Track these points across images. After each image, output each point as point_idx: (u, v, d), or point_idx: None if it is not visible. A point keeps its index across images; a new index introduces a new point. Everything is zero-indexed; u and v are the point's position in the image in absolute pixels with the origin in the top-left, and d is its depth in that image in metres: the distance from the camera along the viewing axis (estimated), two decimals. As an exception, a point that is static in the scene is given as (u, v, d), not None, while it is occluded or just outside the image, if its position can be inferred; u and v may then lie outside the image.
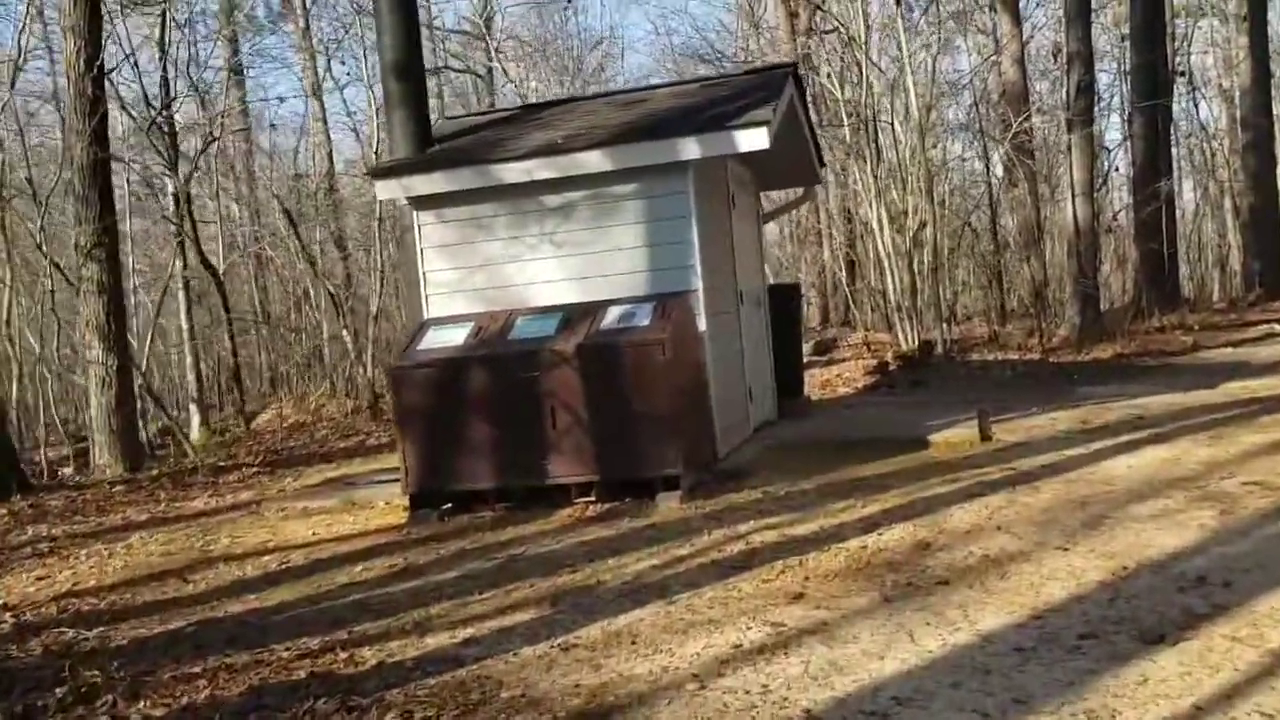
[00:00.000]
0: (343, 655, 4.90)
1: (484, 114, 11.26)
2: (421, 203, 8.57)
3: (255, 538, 7.70)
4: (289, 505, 8.78)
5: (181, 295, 20.41)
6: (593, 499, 7.42)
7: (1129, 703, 3.72)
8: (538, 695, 4.26)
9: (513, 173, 8.22)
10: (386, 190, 8.52)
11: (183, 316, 20.54)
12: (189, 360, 20.21)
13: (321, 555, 6.93)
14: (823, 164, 11.20)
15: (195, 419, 19.21)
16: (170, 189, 19.47)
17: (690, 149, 8.00)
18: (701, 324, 8.13)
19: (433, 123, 9.58)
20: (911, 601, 4.95)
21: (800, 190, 11.66)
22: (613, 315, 7.60)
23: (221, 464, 12.08)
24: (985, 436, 8.71)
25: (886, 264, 15.10)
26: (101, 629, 5.70)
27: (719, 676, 4.28)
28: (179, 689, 4.60)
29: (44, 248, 14.65)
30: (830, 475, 7.82)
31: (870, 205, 15.11)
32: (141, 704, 4.43)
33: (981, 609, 4.75)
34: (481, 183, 8.31)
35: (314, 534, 7.63)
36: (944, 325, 15.51)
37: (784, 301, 11.08)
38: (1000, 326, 19.01)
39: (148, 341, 15.92)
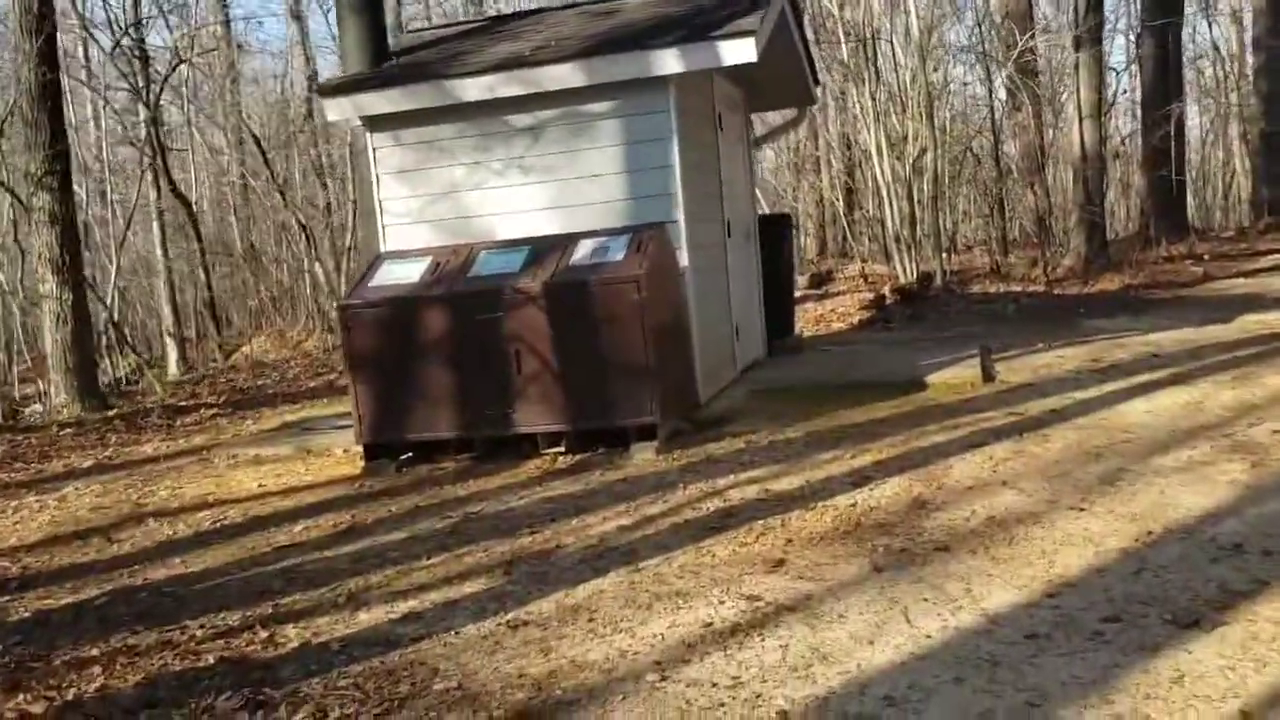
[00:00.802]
0: (262, 635, 4.32)
1: (447, 26, 10.45)
2: (376, 124, 7.86)
3: (196, 490, 7.11)
4: (240, 452, 8.18)
5: (156, 226, 19.70)
6: (562, 450, 6.82)
7: (1163, 706, 3.14)
8: (475, 687, 3.68)
9: (474, 89, 7.49)
10: (337, 110, 7.80)
11: (157, 248, 19.86)
12: (164, 293, 19.57)
13: (263, 512, 6.34)
14: (818, 82, 10.45)
15: (173, 354, 18.60)
16: (142, 116, 18.67)
17: (670, 62, 7.27)
18: (683, 258, 7.47)
19: (396, 38, 8.82)
20: (906, 572, 4.36)
21: (794, 112, 10.89)
22: (584, 250, 6.94)
23: (183, 404, 11.48)
24: (988, 377, 8.09)
25: (885, 193, 14.38)
26: (6, 598, 5.12)
27: (684, 664, 3.70)
28: (69, 678, 4.02)
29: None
30: (819, 422, 7.22)
31: (869, 130, 14.35)
32: (20, 697, 3.85)
33: (987, 583, 4.16)
34: (440, 101, 7.59)
35: (260, 486, 7.04)
36: (943, 256, 14.81)
37: (775, 233, 10.40)
38: (1003, 257, 18.31)
39: (113, 274, 15.18)
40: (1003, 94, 18.98)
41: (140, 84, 17.72)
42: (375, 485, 6.72)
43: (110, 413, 11.09)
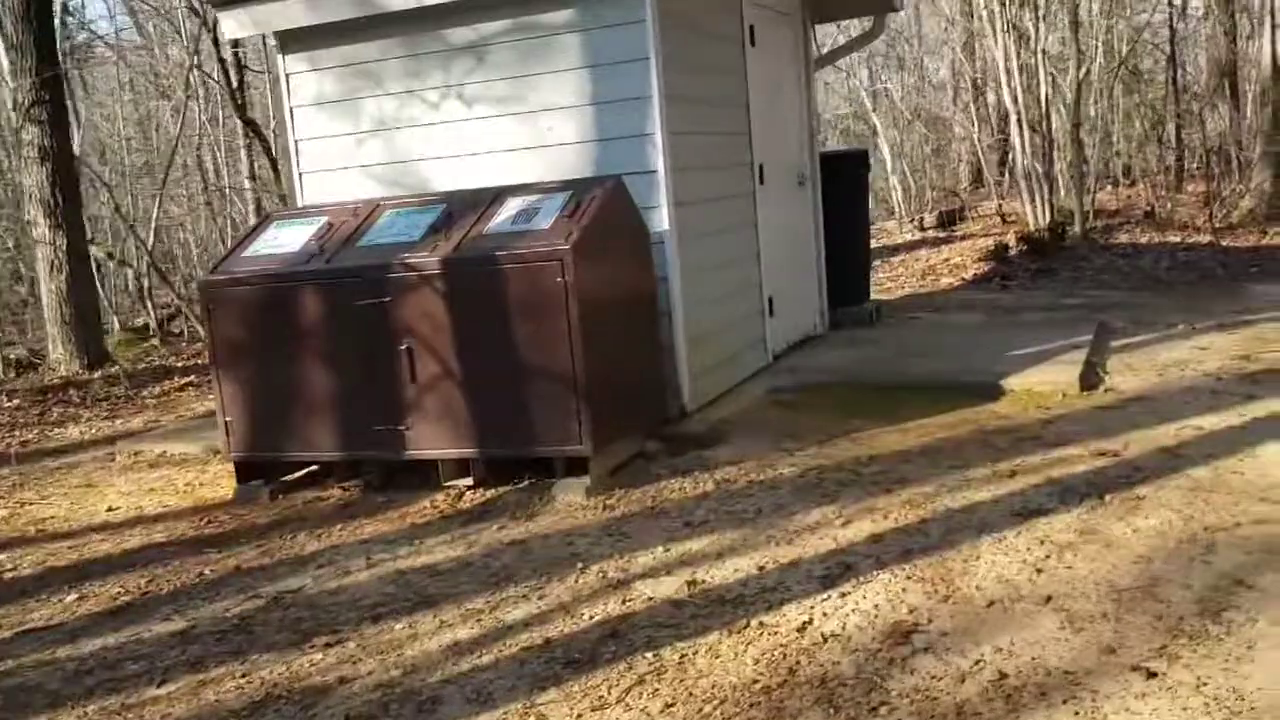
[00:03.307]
0: None
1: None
2: (288, 43, 6.18)
3: (43, 509, 5.73)
4: (149, 448, 6.78)
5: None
6: (471, 483, 5.10)
7: None
8: None
9: (398, -5, 5.71)
10: (235, 25, 6.13)
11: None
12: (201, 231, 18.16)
13: (64, 560, 4.87)
14: (900, -18, 8.24)
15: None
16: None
17: (639, -47, 5.33)
18: (660, 220, 5.59)
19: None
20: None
21: (869, 22, 8.65)
22: (508, 211, 5.13)
23: (176, 365, 10.21)
24: (1088, 384, 5.98)
25: (1013, 120, 11.97)
26: None
27: None
28: None
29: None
30: (836, 448, 5.31)
31: (994, 39, 11.92)
32: None
33: None
34: (360, 10, 5.85)
35: (110, 510, 5.60)
36: (1084, 198, 12.32)
37: (843, 175, 8.32)
38: (1171, 193, 15.55)
39: (154, 211, 14.03)
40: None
41: None
42: (229, 523, 5.15)
43: (98, 374, 9.90)
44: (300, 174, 6.26)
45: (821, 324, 8.07)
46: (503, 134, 5.85)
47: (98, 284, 16.53)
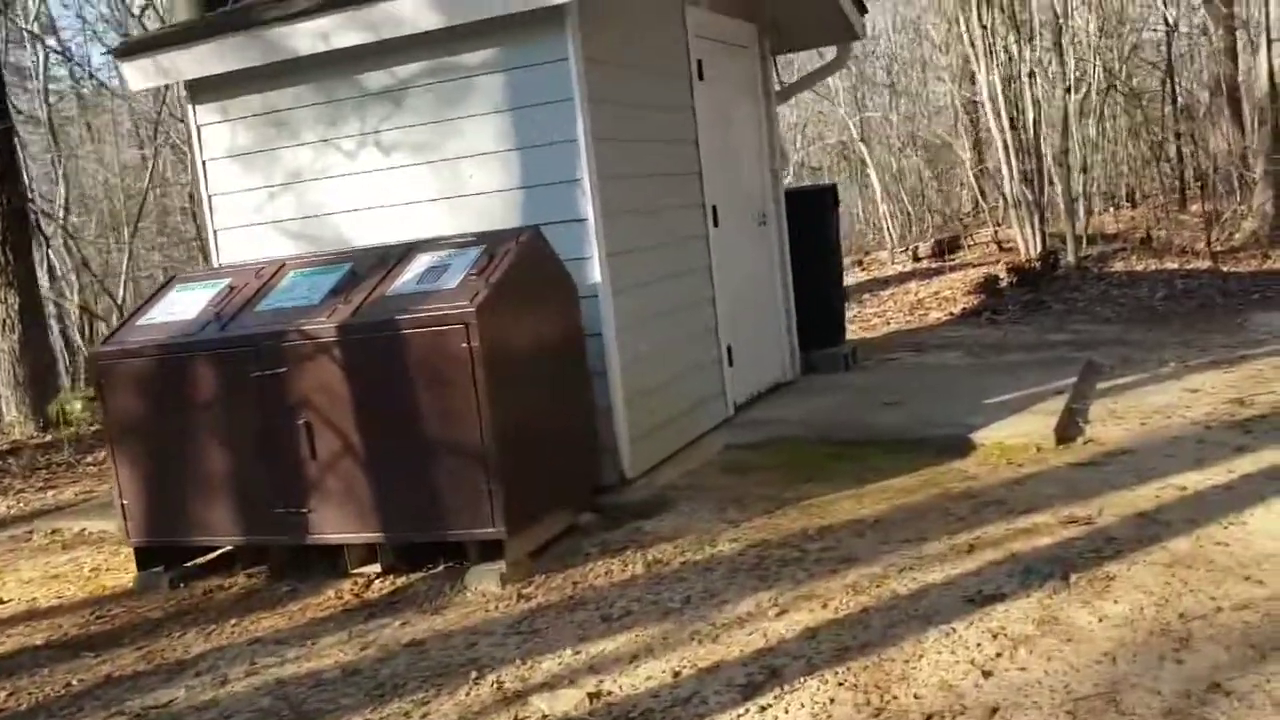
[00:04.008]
0: None
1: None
2: (198, 93, 5.79)
3: (-70, 603, 5.27)
4: (69, 526, 6.38)
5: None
6: (380, 569, 4.65)
7: None
8: None
9: (305, 38, 5.32)
10: (140, 75, 5.75)
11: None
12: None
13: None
14: (864, 9, 7.80)
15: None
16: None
17: (559, -14, 4.92)
18: (591, 273, 5.15)
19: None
20: None
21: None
22: (416, 268, 4.71)
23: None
24: (1065, 436, 5.51)
25: (1000, 145, 11.54)
26: None
27: None
28: None
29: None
30: (785, 517, 4.85)
31: (976, 65, 11.50)
32: None
33: None
34: (268, 57, 5.46)
35: (2, 603, 5.15)
36: (1074, 225, 11.84)
37: (811, 213, 7.90)
38: (1171, 214, 15.06)
39: (126, 260, 13.66)
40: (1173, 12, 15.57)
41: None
42: (120, 618, 4.71)
43: (50, 436, 9.51)
44: (215, 231, 5.86)
45: (793, 369, 7.61)
46: (423, 184, 5.44)
47: (79, 337, 16.29)
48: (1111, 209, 17.33)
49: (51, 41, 17.98)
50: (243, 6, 5.80)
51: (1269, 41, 12.93)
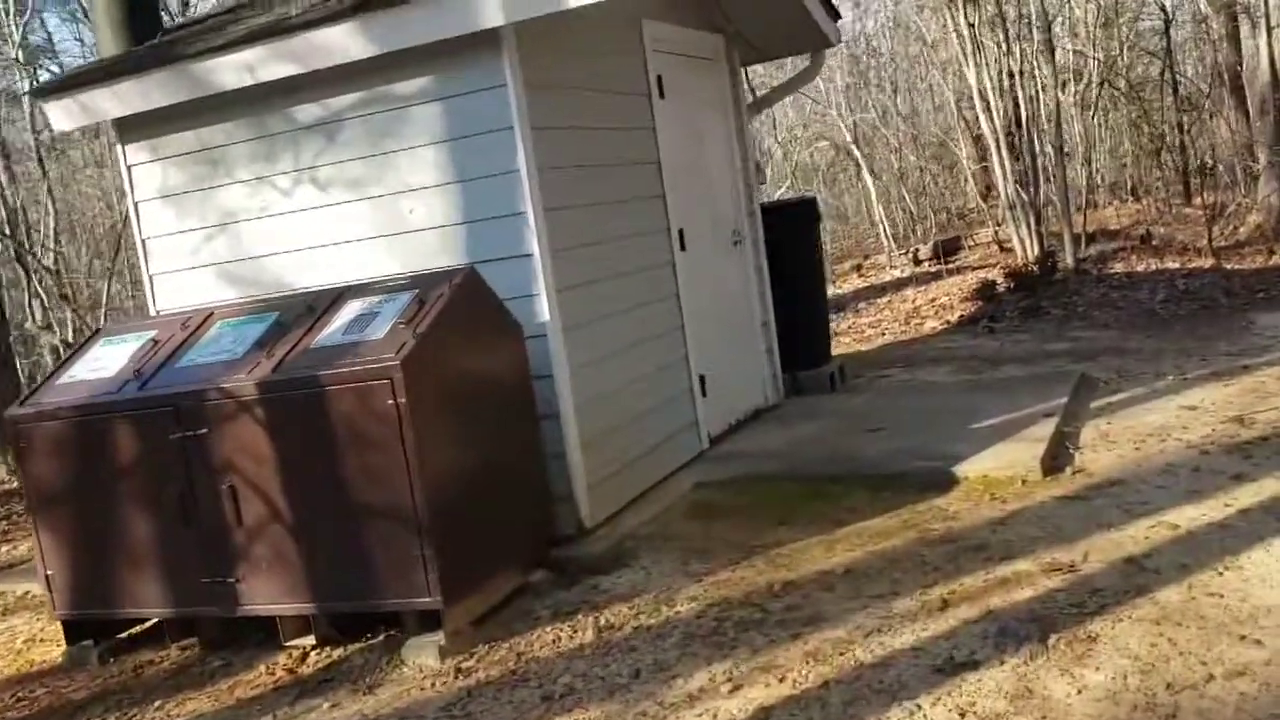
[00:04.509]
0: None
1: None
2: (126, 132, 5.51)
3: None
4: (12, 587, 6.12)
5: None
6: (314, 641, 4.34)
7: None
8: None
9: (232, 71, 5.03)
10: (64, 115, 5.46)
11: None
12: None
13: None
14: (836, 15, 7.47)
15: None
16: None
17: (491, 8, 4.60)
18: (540, 311, 4.85)
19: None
20: None
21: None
22: (344, 317, 4.41)
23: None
24: (1053, 466, 5.17)
25: (991, 145, 11.19)
26: None
27: None
28: None
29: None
30: (747, 569, 4.53)
31: (966, 65, 11.15)
32: None
33: None
34: (194, 92, 5.16)
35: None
36: (1070, 225, 11.46)
37: (791, 226, 7.57)
38: (1174, 208, 14.68)
39: (105, 291, 13.37)
40: None
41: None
42: (42, 699, 4.42)
43: (17, 484, 9.22)
44: (150, 276, 5.57)
45: (774, 394, 7.28)
46: (362, 221, 5.14)
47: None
48: (1115, 203, 16.94)
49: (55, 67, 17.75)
50: (168, 40, 5.53)
51: (1269, 29, 12.53)
